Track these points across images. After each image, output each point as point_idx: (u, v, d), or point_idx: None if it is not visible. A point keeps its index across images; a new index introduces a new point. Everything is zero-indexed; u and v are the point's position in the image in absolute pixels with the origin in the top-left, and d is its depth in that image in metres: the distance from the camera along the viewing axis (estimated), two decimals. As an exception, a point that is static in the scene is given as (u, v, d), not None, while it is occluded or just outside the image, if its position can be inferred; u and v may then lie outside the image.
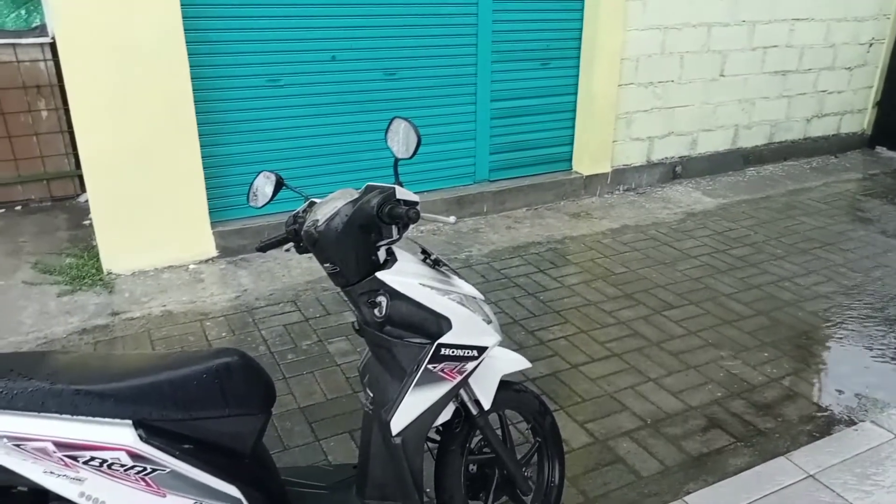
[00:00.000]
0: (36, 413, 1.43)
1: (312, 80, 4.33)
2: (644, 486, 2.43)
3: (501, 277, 4.03)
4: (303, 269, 4.10)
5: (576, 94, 5.28)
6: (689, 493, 2.35)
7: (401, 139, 1.69)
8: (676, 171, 5.87)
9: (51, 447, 1.42)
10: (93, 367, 1.59)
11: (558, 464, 2.18)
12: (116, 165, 3.78)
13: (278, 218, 4.24)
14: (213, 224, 4.18)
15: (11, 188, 4.96)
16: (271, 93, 4.24)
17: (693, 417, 2.83)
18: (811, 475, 2.39)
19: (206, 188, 4.08)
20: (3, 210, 4.91)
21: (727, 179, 5.99)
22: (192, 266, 4.09)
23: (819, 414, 2.86)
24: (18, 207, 4.96)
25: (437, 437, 1.95)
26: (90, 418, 1.47)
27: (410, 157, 1.68)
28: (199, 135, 3.97)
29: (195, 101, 3.90)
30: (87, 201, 5.00)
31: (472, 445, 1.99)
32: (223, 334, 3.39)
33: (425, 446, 1.84)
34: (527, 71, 5.02)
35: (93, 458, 1.45)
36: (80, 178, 5.08)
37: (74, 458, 1.44)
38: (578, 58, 5.18)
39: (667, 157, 5.82)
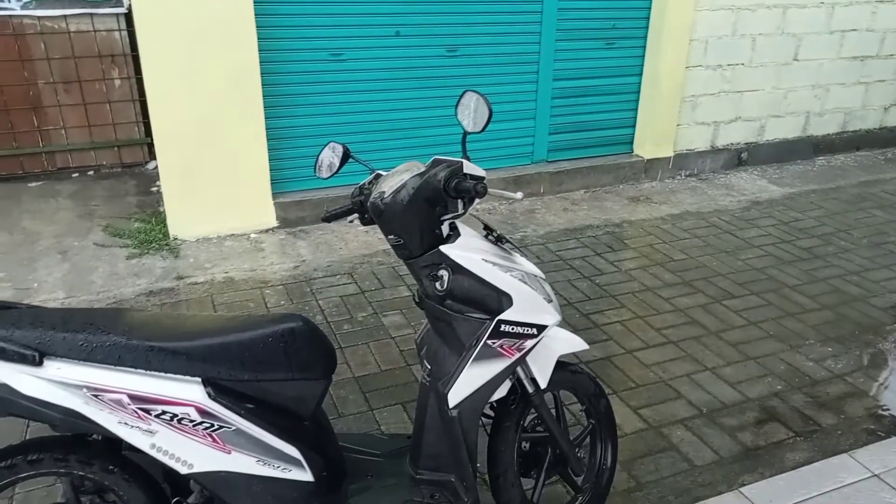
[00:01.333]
0: (113, 366, 1.51)
1: (375, 56, 4.34)
2: (697, 475, 2.40)
3: (556, 259, 4.00)
4: (360, 242, 4.16)
5: (640, 75, 5.15)
6: (744, 484, 2.31)
7: (471, 113, 1.68)
8: (742, 157, 5.69)
9: (126, 399, 1.49)
10: (165, 325, 1.65)
11: (611, 447, 2.16)
12: (185, 135, 3.89)
13: (337, 191, 4.31)
14: (275, 195, 4.26)
15: (85, 153, 5.16)
16: (333, 67, 4.27)
17: (750, 409, 2.76)
18: (876, 474, 2.31)
19: (269, 160, 4.16)
20: (76, 174, 5.11)
21: (795, 168, 5.77)
22: (253, 235, 4.20)
23: (884, 413, 2.76)
24: (91, 172, 5.17)
25: (491, 413, 1.96)
26: (162, 374, 1.53)
27: (480, 132, 1.67)
28: (264, 107, 4.04)
29: (261, 74, 3.96)
30: (154, 168, 5.18)
31: (526, 423, 1.99)
32: (282, 302, 3.47)
33: (479, 421, 1.86)
34: (591, 50, 4.92)
35: (164, 412, 1.52)
36: (149, 145, 5.26)
37: (147, 411, 1.51)
38: (645, 38, 5.05)
39: (732, 143, 5.64)
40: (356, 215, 1.90)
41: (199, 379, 1.55)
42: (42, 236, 4.10)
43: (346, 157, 1.93)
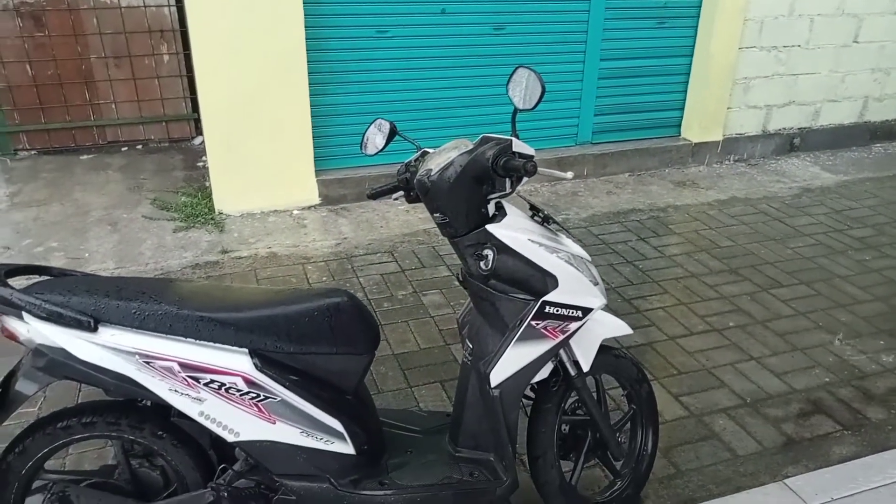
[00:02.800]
0: (164, 335, 1.54)
1: (420, 33, 4.31)
2: (740, 465, 2.36)
3: (599, 243, 3.95)
4: (400, 221, 4.16)
5: (691, 56, 5.02)
6: (788, 476, 2.26)
7: (523, 89, 1.65)
8: (794, 143, 5.51)
9: (176, 367, 1.53)
10: (214, 296, 1.68)
11: (652, 433, 2.14)
12: (231, 111, 3.93)
13: (379, 170, 4.32)
14: (317, 172, 4.29)
15: (134, 128, 5.27)
16: (379, 44, 4.26)
17: (796, 401, 2.70)
18: (927, 472, 2.24)
19: (313, 137, 4.18)
20: (125, 148, 5.23)
21: (850, 155, 5.57)
22: (295, 211, 4.24)
23: (939, 410, 2.67)
24: (139, 146, 5.28)
25: (532, 395, 1.95)
26: (212, 344, 1.56)
27: (532, 109, 1.64)
28: (309, 84, 4.06)
29: (307, 50, 3.97)
30: (201, 144, 5.26)
31: (566, 406, 1.98)
32: (323, 278, 3.51)
33: (520, 402, 1.85)
34: (641, 30, 4.80)
35: (213, 381, 1.55)
36: (196, 121, 5.34)
37: (196, 380, 1.55)
38: (697, 17, 4.90)
39: (784, 128, 5.47)
40: (401, 193, 1.90)
41: (247, 350, 1.58)
42: (93, 208, 4.22)
43: (392, 134, 1.92)
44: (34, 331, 1.49)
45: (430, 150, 1.82)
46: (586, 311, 1.76)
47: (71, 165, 4.88)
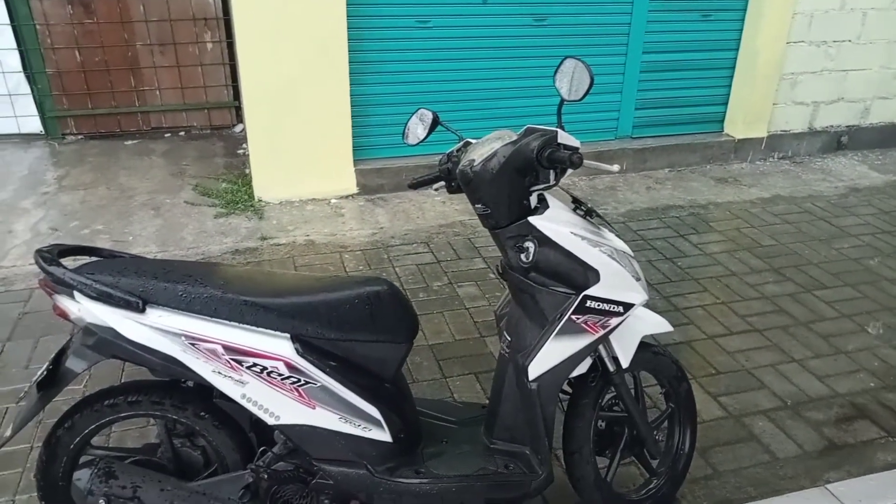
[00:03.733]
0: (209, 317, 1.57)
1: (461, 24, 4.30)
2: (779, 468, 2.31)
3: (637, 239, 3.90)
4: (436, 212, 4.17)
5: (737, 49, 4.90)
6: (829, 481, 2.21)
7: (570, 80, 1.63)
8: (841, 141, 5.36)
9: (220, 350, 1.55)
10: (258, 281, 1.70)
11: (690, 432, 2.11)
12: (273, 99, 3.97)
13: (417, 160, 4.32)
14: (356, 162, 4.31)
15: (177, 114, 5.36)
16: (419, 34, 4.26)
17: (839, 405, 2.63)
18: (976, 483, 2.17)
19: (352, 126, 4.20)
20: (168, 134, 5.32)
21: (901, 154, 5.40)
22: (333, 200, 4.27)
23: None
24: (182, 133, 5.37)
25: (569, 390, 1.94)
26: (255, 328, 1.58)
27: (579, 100, 1.62)
28: (349, 73, 4.07)
29: (348, 40, 3.99)
30: (241, 131, 5.33)
31: (603, 402, 1.96)
32: (360, 267, 3.53)
33: (558, 396, 1.84)
34: (685, 23, 4.71)
35: (255, 364, 1.57)
36: (237, 109, 5.41)
37: (239, 363, 1.57)
38: (744, 10, 4.79)
39: (832, 126, 5.32)
40: (442, 183, 1.90)
41: (289, 335, 1.60)
42: (137, 192, 4.30)
43: (435, 124, 1.92)
44: (85, 310, 1.53)
45: (473, 141, 1.81)
46: (628, 306, 1.74)
47: (116, 150, 4.99)
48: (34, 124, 5.06)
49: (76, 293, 1.53)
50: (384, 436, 1.71)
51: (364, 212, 4.16)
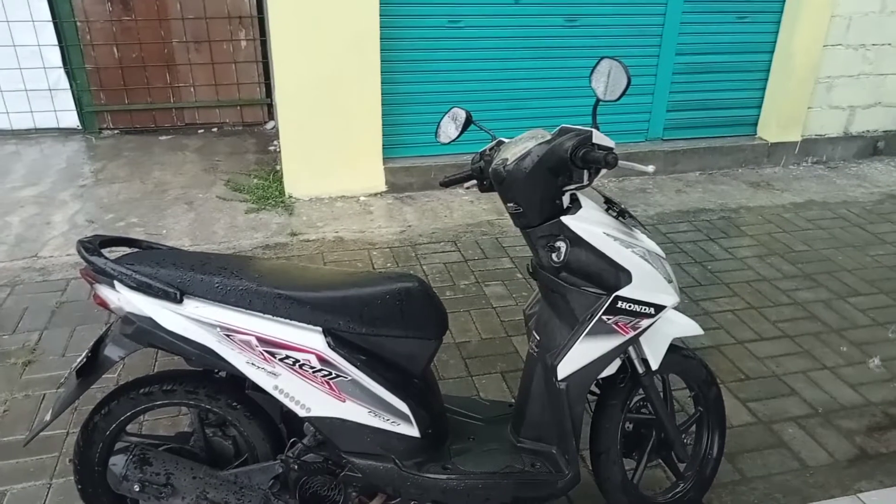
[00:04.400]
0: (244, 309, 1.59)
1: (493, 24, 4.30)
2: (809, 476, 2.28)
3: (667, 242, 3.87)
4: (464, 212, 4.18)
5: (772, 52, 4.84)
6: (861, 491, 2.18)
7: (607, 80, 1.63)
8: (878, 146, 5.25)
9: (254, 341, 1.58)
10: (292, 275, 1.73)
11: (718, 437, 2.09)
12: (305, 97, 4.02)
13: (446, 159, 4.34)
14: (385, 160, 4.34)
15: (210, 111, 5.44)
16: (451, 34, 4.27)
17: (872, 414, 2.59)
18: None
19: (382, 125, 4.22)
20: (202, 130, 5.41)
21: (940, 161, 5.28)
22: (362, 198, 4.31)
23: None
24: (215, 129, 5.45)
25: (596, 391, 1.93)
26: (288, 321, 1.61)
27: (616, 100, 1.62)
28: (381, 72, 4.10)
29: (381, 39, 4.02)
30: (272, 128, 5.40)
31: (631, 404, 1.95)
32: (388, 264, 3.56)
33: (586, 397, 1.83)
34: (720, 24, 4.66)
35: (288, 357, 1.60)
36: (268, 106, 5.48)
37: (272, 355, 1.59)
38: (781, 12, 4.72)
39: (868, 130, 5.22)
40: (474, 182, 1.91)
41: (321, 328, 1.62)
42: (170, 186, 4.38)
43: (468, 123, 1.93)
44: (124, 299, 1.57)
45: (506, 140, 1.82)
46: (659, 308, 1.73)
47: (150, 145, 5.08)
48: (72, 119, 5.18)
49: (116, 283, 1.57)
50: (412, 431, 1.73)
51: (392, 210, 4.18)
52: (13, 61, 4.90)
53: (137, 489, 1.71)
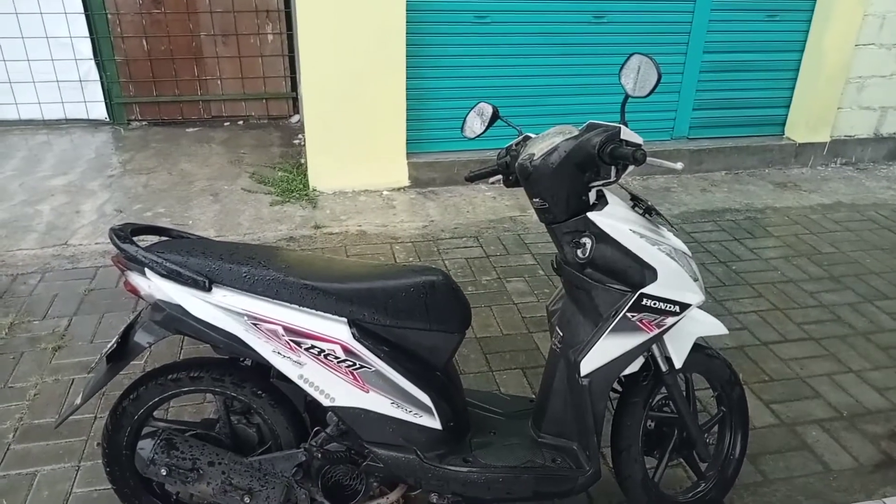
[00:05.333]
0: (271, 299, 1.62)
1: (519, 20, 4.29)
2: (833, 480, 2.26)
3: (691, 241, 3.83)
4: (486, 207, 4.18)
5: (802, 51, 4.77)
6: (886, 496, 2.15)
7: (636, 76, 1.62)
8: (910, 148, 5.16)
9: (281, 331, 1.60)
10: (318, 266, 1.75)
11: (741, 437, 2.08)
12: (331, 91, 4.04)
13: (469, 155, 4.34)
14: (408, 155, 4.35)
15: (237, 104, 5.50)
16: (477, 29, 4.27)
17: (899, 419, 2.56)
18: None
19: (406, 120, 4.24)
20: (228, 123, 5.47)
21: (973, 164, 5.17)
22: (385, 192, 4.32)
23: None
24: (241, 122, 5.50)
25: (619, 388, 1.93)
26: (314, 311, 1.63)
27: (645, 96, 1.62)
28: (406, 67, 4.11)
29: (407, 34, 4.03)
30: (297, 122, 5.44)
31: (653, 402, 1.95)
32: (410, 258, 3.57)
33: (609, 394, 1.83)
34: (749, 22, 4.60)
35: (313, 347, 1.62)
36: (294, 100, 5.52)
37: (298, 344, 1.62)
38: (812, 11, 4.65)
39: (900, 132, 5.13)
40: (499, 177, 1.91)
41: (346, 319, 1.64)
42: (197, 178, 4.44)
43: (494, 118, 1.93)
44: (155, 287, 1.60)
45: (532, 136, 1.82)
46: (684, 306, 1.72)
47: (177, 137, 5.15)
48: (101, 110, 5.26)
49: (147, 270, 1.60)
50: (434, 423, 1.74)
51: (415, 204, 4.20)
52: (46, 52, 4.99)
53: (164, 473, 1.74)
